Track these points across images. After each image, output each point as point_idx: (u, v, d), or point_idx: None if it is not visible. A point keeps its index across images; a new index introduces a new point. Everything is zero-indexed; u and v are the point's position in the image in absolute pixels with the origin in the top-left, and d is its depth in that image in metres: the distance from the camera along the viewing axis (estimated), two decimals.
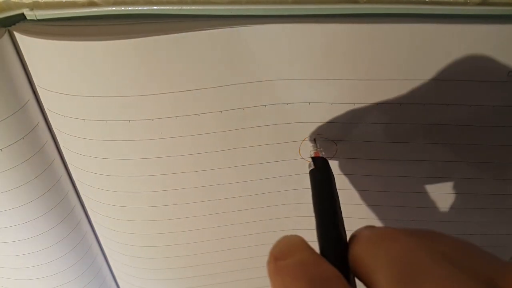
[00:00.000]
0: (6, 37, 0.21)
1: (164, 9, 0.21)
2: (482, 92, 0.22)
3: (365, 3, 0.20)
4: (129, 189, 0.26)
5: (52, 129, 0.25)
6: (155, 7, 0.21)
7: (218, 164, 0.25)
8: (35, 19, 0.21)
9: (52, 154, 0.26)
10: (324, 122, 0.23)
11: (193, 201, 0.27)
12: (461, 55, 0.20)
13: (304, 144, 0.25)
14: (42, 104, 0.24)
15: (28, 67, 0.23)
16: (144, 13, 0.21)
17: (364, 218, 0.29)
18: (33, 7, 0.21)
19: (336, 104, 0.22)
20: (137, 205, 0.27)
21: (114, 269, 0.35)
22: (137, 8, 0.21)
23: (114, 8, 0.21)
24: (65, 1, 0.22)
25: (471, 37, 0.20)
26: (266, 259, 0.15)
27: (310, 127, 0.24)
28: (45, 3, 0.22)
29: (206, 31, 0.20)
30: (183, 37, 0.20)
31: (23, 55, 0.22)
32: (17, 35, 0.21)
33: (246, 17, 0.20)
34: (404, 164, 0.25)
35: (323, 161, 0.22)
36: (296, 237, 0.16)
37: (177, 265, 0.32)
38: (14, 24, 0.21)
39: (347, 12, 0.20)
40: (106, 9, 0.21)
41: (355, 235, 0.16)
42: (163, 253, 0.31)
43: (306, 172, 0.24)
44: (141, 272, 0.33)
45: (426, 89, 0.22)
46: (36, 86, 0.23)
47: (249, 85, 0.22)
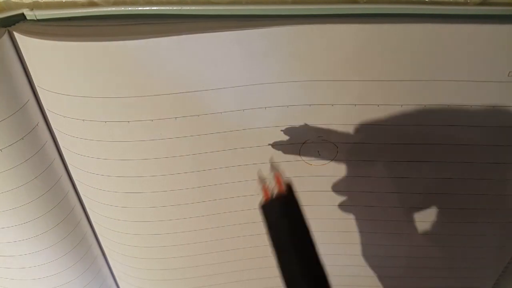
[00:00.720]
0: (6, 37, 0.21)
1: (164, 9, 0.21)
2: (483, 92, 0.22)
3: (365, 3, 0.20)
4: (128, 189, 0.26)
5: (52, 129, 0.25)
6: (155, 7, 0.21)
7: (217, 165, 0.25)
8: (35, 19, 0.21)
9: (52, 154, 0.26)
10: (324, 124, 0.23)
11: (192, 201, 0.27)
12: (461, 55, 0.20)
13: (305, 147, 0.25)
14: (42, 104, 0.24)
15: (28, 67, 0.23)
16: (144, 13, 0.21)
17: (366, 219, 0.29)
18: (33, 7, 0.21)
19: (337, 106, 0.23)
20: (137, 206, 0.27)
21: (114, 269, 0.35)
22: (137, 8, 0.21)
23: (114, 8, 0.21)
24: (65, 1, 0.22)
25: (471, 37, 0.20)
26: (266, 260, 0.15)
27: (311, 129, 0.24)
28: (45, 3, 0.22)
29: (212, 33, 0.20)
30: (184, 39, 0.20)
31: (23, 55, 0.22)
32: (17, 35, 0.21)
33: (249, 17, 0.20)
34: (404, 165, 0.25)
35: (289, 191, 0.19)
36: None
37: (176, 265, 0.32)
38: (14, 24, 0.21)
39: (347, 12, 0.20)
40: (106, 9, 0.21)
41: None
42: (162, 253, 0.31)
43: (307, 175, 0.24)
44: (140, 272, 0.33)
45: (427, 90, 0.22)
46: (36, 86, 0.23)
47: (248, 86, 0.22)
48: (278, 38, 0.20)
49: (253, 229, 0.29)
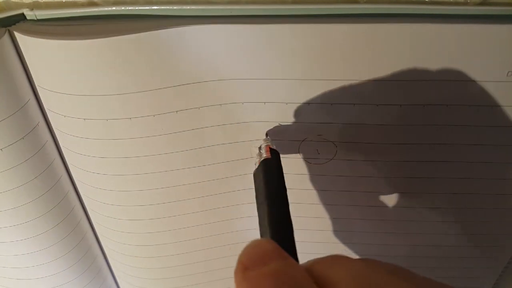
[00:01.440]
0: (6, 37, 0.21)
1: (164, 9, 0.21)
2: (482, 92, 0.22)
3: (365, 3, 0.20)
4: (129, 188, 0.26)
5: (52, 129, 0.25)
6: (155, 7, 0.21)
7: (217, 160, 0.25)
8: (35, 19, 0.21)
9: (52, 154, 0.26)
10: (324, 123, 0.23)
11: (192, 197, 0.27)
12: (461, 55, 0.20)
13: (305, 145, 0.25)
14: (42, 104, 0.24)
15: (28, 67, 0.23)
16: (144, 13, 0.21)
17: (358, 218, 0.29)
18: (33, 7, 0.21)
19: (336, 105, 0.23)
20: (137, 205, 0.27)
21: (114, 269, 0.35)
22: (137, 8, 0.21)
23: (114, 8, 0.21)
24: (65, 1, 0.22)
25: (471, 37, 0.20)
26: None
27: (311, 126, 0.24)
28: (45, 3, 0.22)
29: (210, 25, 0.20)
30: (183, 31, 0.20)
31: (23, 55, 0.22)
32: (17, 35, 0.21)
33: (246, 17, 0.20)
34: (404, 165, 0.25)
35: (276, 153, 0.22)
36: (268, 242, 0.14)
37: (177, 263, 0.32)
38: (14, 24, 0.22)
39: (347, 12, 0.20)
40: (106, 9, 0.21)
41: (315, 260, 0.15)
42: (163, 252, 0.31)
43: (306, 174, 0.24)
44: (141, 272, 0.33)
45: (426, 90, 0.22)
46: (36, 86, 0.23)
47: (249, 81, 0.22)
48: (278, 35, 0.20)
49: (253, 223, 0.29)
